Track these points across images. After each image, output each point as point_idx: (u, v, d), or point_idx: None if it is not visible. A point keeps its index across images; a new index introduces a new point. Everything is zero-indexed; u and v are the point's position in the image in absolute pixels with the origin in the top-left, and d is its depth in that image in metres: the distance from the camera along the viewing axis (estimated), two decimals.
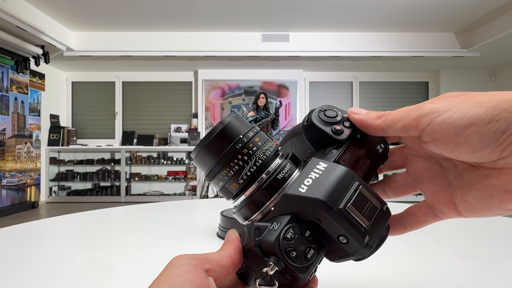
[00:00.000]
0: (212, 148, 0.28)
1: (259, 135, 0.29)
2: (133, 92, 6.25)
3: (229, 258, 0.25)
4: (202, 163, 0.29)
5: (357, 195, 0.24)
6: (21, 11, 3.91)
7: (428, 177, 0.27)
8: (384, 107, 6.26)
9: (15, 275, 0.52)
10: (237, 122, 0.29)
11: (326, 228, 0.24)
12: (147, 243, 0.69)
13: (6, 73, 4.59)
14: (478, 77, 6.15)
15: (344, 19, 4.65)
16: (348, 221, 0.23)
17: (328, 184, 0.24)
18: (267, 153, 0.28)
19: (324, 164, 0.26)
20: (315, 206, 0.23)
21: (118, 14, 4.47)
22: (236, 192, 0.28)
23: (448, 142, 0.22)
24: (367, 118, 0.27)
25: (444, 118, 0.22)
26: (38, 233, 0.80)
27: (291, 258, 0.23)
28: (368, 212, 0.24)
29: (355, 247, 0.23)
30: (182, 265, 0.22)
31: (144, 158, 5.92)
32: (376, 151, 0.29)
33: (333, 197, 0.23)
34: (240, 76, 6.06)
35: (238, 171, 0.27)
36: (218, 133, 0.28)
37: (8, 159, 4.61)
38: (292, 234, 0.23)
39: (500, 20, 4.47)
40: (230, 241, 0.26)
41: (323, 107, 0.30)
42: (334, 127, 0.28)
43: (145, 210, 1.06)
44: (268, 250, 0.23)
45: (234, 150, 0.27)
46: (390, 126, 0.25)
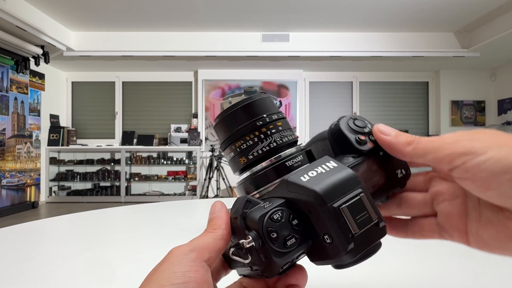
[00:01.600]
0: (234, 118, 0.28)
1: (283, 121, 0.29)
2: (133, 92, 6.25)
3: (223, 241, 0.24)
4: (221, 131, 0.29)
5: (355, 201, 0.23)
6: (21, 11, 3.91)
7: (449, 198, 0.26)
8: (384, 107, 6.26)
9: (15, 275, 0.51)
10: (265, 102, 0.29)
11: (315, 222, 0.23)
12: (147, 243, 0.69)
13: (6, 73, 4.59)
14: (478, 77, 6.15)
15: (344, 19, 4.65)
16: (337, 221, 0.22)
17: (330, 181, 0.24)
18: (284, 139, 0.28)
19: (334, 164, 0.25)
20: (310, 197, 0.23)
21: (118, 14, 4.47)
22: (243, 166, 0.28)
23: (479, 183, 0.22)
24: (396, 142, 0.26)
25: (479, 161, 0.21)
26: (38, 233, 0.80)
27: (270, 238, 0.23)
28: (361, 221, 0.23)
29: (337, 250, 0.23)
30: (183, 261, 0.22)
31: (144, 158, 5.92)
32: (395, 174, 0.28)
33: (330, 194, 0.23)
34: (240, 76, 6.06)
35: (251, 147, 0.28)
36: (244, 106, 0.28)
37: (8, 159, 4.61)
38: (279, 217, 0.23)
39: (500, 20, 4.47)
40: (219, 218, 0.25)
41: (354, 116, 0.30)
42: (358, 136, 0.28)
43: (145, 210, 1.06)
44: (251, 225, 0.23)
45: (254, 125, 0.28)
46: (421, 156, 0.25)
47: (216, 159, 5.49)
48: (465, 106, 6.14)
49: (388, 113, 6.28)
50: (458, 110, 6.14)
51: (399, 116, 6.27)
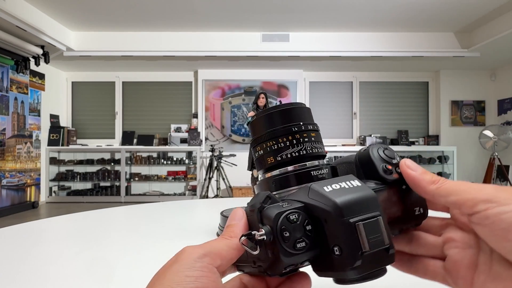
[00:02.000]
0: (272, 118, 0.29)
1: (317, 134, 0.30)
2: (133, 92, 6.25)
3: (237, 251, 0.24)
4: (257, 127, 0.30)
5: (372, 221, 0.23)
6: (21, 11, 3.91)
7: (461, 246, 0.26)
8: (384, 107, 6.26)
9: (15, 275, 0.51)
10: (305, 112, 0.30)
11: (328, 232, 0.24)
12: (147, 243, 0.69)
13: (6, 73, 4.59)
14: (478, 77, 6.15)
15: (344, 19, 4.65)
16: (350, 236, 0.23)
17: (351, 197, 0.24)
18: (314, 150, 0.29)
19: (358, 183, 0.26)
20: (329, 207, 0.23)
21: (118, 14, 4.47)
22: (269, 165, 0.29)
23: (496, 233, 0.22)
24: (421, 179, 0.26)
25: (501, 210, 0.21)
26: (38, 233, 0.80)
27: (282, 236, 0.23)
28: (373, 241, 0.23)
29: (343, 264, 0.23)
30: (196, 265, 0.22)
31: (144, 158, 5.92)
32: (412, 211, 0.28)
33: (350, 209, 0.23)
34: (240, 76, 6.06)
35: (281, 149, 0.28)
36: (284, 110, 0.29)
37: (8, 159, 4.61)
38: (295, 218, 0.24)
39: (500, 20, 4.47)
40: (237, 227, 0.25)
41: (386, 147, 0.30)
42: (386, 165, 0.28)
43: (145, 210, 1.06)
44: (267, 220, 0.24)
45: (289, 130, 0.29)
46: (443, 196, 0.25)
47: (216, 159, 5.49)
48: (465, 106, 6.14)
49: (388, 113, 6.28)
50: (458, 110, 6.14)
51: (399, 116, 6.27)
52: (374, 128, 6.25)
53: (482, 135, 5.53)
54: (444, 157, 5.96)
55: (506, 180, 5.45)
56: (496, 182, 5.65)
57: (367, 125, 6.27)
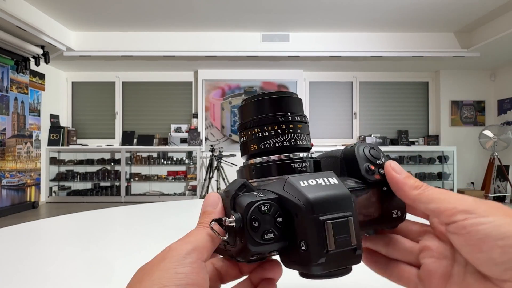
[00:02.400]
0: (260, 105, 0.29)
1: (304, 126, 0.30)
2: (133, 92, 6.25)
3: (219, 239, 0.24)
4: (244, 112, 0.30)
5: (342, 221, 0.23)
6: (21, 11, 3.91)
7: (436, 256, 0.26)
8: (384, 107, 6.26)
9: (15, 275, 0.51)
10: (294, 102, 0.30)
11: (297, 226, 0.24)
12: (147, 243, 0.69)
13: (6, 73, 4.59)
14: (478, 77, 6.15)
15: (344, 19, 4.65)
16: (318, 232, 0.23)
17: (325, 195, 0.24)
18: (298, 142, 0.29)
19: (336, 181, 0.26)
20: (301, 202, 0.23)
21: (118, 14, 4.47)
22: (252, 152, 0.29)
23: (471, 243, 0.22)
24: (404, 183, 0.26)
25: (479, 221, 0.22)
26: (38, 233, 0.80)
27: (252, 226, 0.23)
28: (340, 241, 0.23)
29: (308, 259, 0.23)
30: (186, 261, 0.22)
31: (144, 158, 5.92)
32: (390, 213, 0.28)
33: (321, 207, 0.23)
34: (240, 76, 6.06)
35: (265, 137, 0.28)
36: (273, 98, 0.29)
37: (8, 159, 4.61)
38: (266, 209, 0.24)
39: (500, 20, 4.47)
40: (215, 214, 0.25)
41: (372, 146, 0.30)
42: (369, 165, 0.28)
43: (145, 210, 1.06)
44: (239, 207, 0.24)
45: (275, 119, 0.28)
46: (424, 202, 0.25)
47: (216, 159, 5.49)
48: (465, 106, 6.14)
49: (388, 113, 6.28)
50: (458, 110, 6.14)
51: (399, 116, 6.27)
52: (374, 128, 6.25)
53: (482, 135, 5.53)
54: (444, 157, 5.95)
55: (506, 180, 5.45)
56: (496, 182, 5.65)
57: (367, 125, 6.26)
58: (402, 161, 5.85)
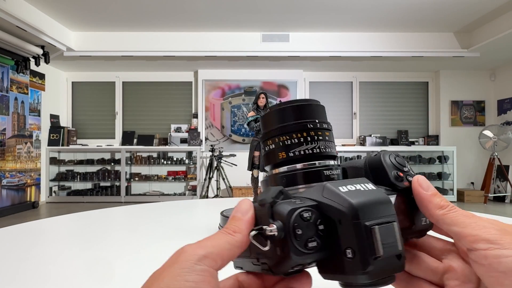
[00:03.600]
0: (288, 113, 0.28)
1: (330, 133, 0.29)
2: (133, 92, 6.25)
3: (240, 249, 0.23)
4: (269, 121, 0.29)
5: (388, 226, 0.23)
6: (21, 11, 3.91)
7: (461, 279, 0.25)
8: (384, 107, 6.26)
9: (15, 275, 0.52)
10: (320, 110, 0.29)
11: (341, 233, 0.23)
12: (147, 243, 0.69)
13: (6, 73, 4.59)
14: (478, 77, 6.15)
15: (344, 19, 4.65)
16: (365, 239, 0.22)
17: (367, 200, 0.23)
18: (327, 149, 0.28)
19: (373, 187, 0.25)
20: (345, 207, 0.23)
21: (118, 14, 4.47)
22: (280, 161, 0.28)
23: (492, 275, 0.21)
24: (429, 201, 0.26)
25: (502, 253, 0.21)
26: (38, 233, 0.80)
27: (295, 234, 0.22)
28: (387, 247, 0.22)
29: (355, 268, 0.22)
30: (197, 268, 0.21)
31: (144, 158, 5.92)
32: (419, 221, 0.28)
33: (366, 211, 0.23)
34: (240, 76, 6.06)
35: (294, 145, 0.28)
36: (300, 105, 0.28)
37: (8, 159, 4.61)
38: (308, 216, 0.23)
39: (500, 20, 4.47)
40: (243, 222, 0.24)
41: (397, 154, 0.30)
42: (397, 172, 0.28)
43: (145, 210, 1.06)
44: (279, 215, 0.22)
45: (304, 126, 0.28)
46: (447, 224, 0.24)
47: (216, 159, 5.49)
48: (465, 106, 6.14)
49: (388, 113, 6.28)
50: (458, 110, 6.14)
51: (399, 116, 6.27)
52: (374, 128, 6.25)
53: (482, 135, 5.54)
54: (444, 157, 5.95)
55: (506, 180, 5.45)
56: (496, 182, 5.65)
57: (367, 125, 6.27)
58: None
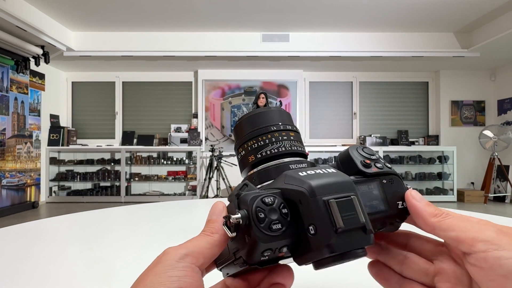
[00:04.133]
0: (252, 121, 0.31)
1: (296, 134, 0.31)
2: (133, 92, 6.25)
3: (219, 247, 0.24)
4: (238, 131, 0.32)
5: (346, 200, 0.23)
6: (21, 11, 3.91)
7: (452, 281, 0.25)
8: (384, 107, 6.26)
9: (15, 275, 0.52)
10: (284, 114, 0.32)
11: (303, 213, 0.24)
12: (147, 243, 0.69)
13: (6, 73, 4.59)
14: (478, 77, 6.15)
15: (344, 19, 4.65)
16: (323, 212, 0.23)
17: (325, 180, 0.24)
18: (293, 148, 0.30)
19: (334, 170, 0.26)
20: (303, 188, 0.24)
21: (118, 14, 4.47)
22: (251, 163, 0.30)
23: (493, 279, 0.21)
24: (423, 210, 0.26)
25: (502, 255, 0.20)
26: (38, 233, 0.80)
27: (258, 217, 0.23)
28: (348, 219, 0.23)
29: (319, 242, 0.23)
30: (179, 265, 0.22)
31: (144, 158, 5.92)
32: (395, 204, 0.28)
33: (322, 189, 0.24)
34: (240, 76, 6.06)
35: (261, 147, 0.30)
36: (262, 112, 0.31)
37: (8, 159, 4.61)
38: (270, 201, 0.24)
39: (500, 20, 4.47)
40: (219, 223, 0.25)
41: (364, 146, 0.31)
42: (364, 160, 0.29)
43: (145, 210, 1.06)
44: (243, 203, 0.24)
45: (268, 129, 0.30)
46: (443, 230, 0.24)
47: (216, 159, 5.49)
48: (465, 106, 6.14)
49: (388, 113, 6.28)
50: (458, 110, 6.14)
51: (399, 116, 6.27)
52: (374, 128, 6.25)
53: (482, 135, 5.54)
54: (444, 157, 5.95)
55: (506, 180, 5.45)
56: (496, 182, 5.65)
57: (367, 125, 6.27)
58: (402, 161, 5.85)
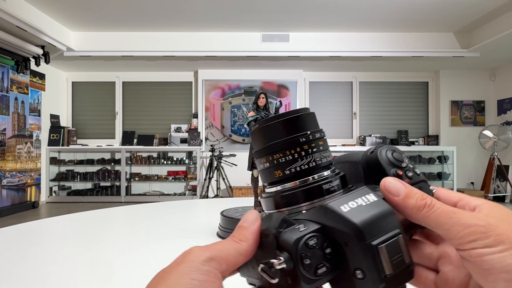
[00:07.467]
0: (277, 128, 0.27)
1: (324, 141, 0.29)
2: (133, 92, 6.25)
3: (245, 257, 0.23)
4: (260, 138, 0.28)
5: (393, 241, 0.23)
6: (21, 11, 3.91)
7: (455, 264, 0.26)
8: (384, 107, 6.26)
9: (16, 275, 0.52)
10: (310, 118, 0.28)
11: (349, 255, 0.23)
12: (147, 243, 0.69)
13: (6, 73, 4.59)
14: (478, 77, 6.15)
15: (344, 19, 4.65)
16: (374, 259, 0.22)
17: (371, 217, 0.23)
18: (323, 160, 0.28)
19: (375, 198, 0.25)
20: (349, 230, 0.22)
21: (118, 14, 4.47)
22: (277, 179, 0.28)
23: (478, 271, 0.22)
24: (404, 207, 0.25)
25: (485, 252, 0.21)
26: (38, 233, 0.80)
27: (303, 264, 0.22)
28: (396, 262, 0.22)
29: (366, 286, 0.22)
30: (202, 268, 0.21)
31: (144, 158, 5.92)
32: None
33: (371, 231, 0.22)
34: (240, 76, 6.06)
35: (289, 162, 0.27)
36: (289, 119, 0.28)
37: (8, 159, 4.61)
38: (314, 243, 0.23)
39: (500, 20, 4.47)
40: (249, 232, 0.24)
41: (393, 148, 0.29)
42: (396, 170, 0.27)
43: (145, 210, 1.06)
44: (285, 246, 0.23)
45: (296, 141, 0.27)
46: (430, 226, 0.24)
47: (216, 159, 5.49)
48: (465, 106, 6.14)
49: (388, 113, 6.28)
50: (458, 110, 6.14)
51: (399, 116, 6.27)
52: (374, 128, 6.25)
53: (482, 135, 5.53)
54: (444, 157, 5.95)
55: (506, 180, 5.45)
56: (496, 182, 5.65)
57: (367, 125, 6.27)
58: None
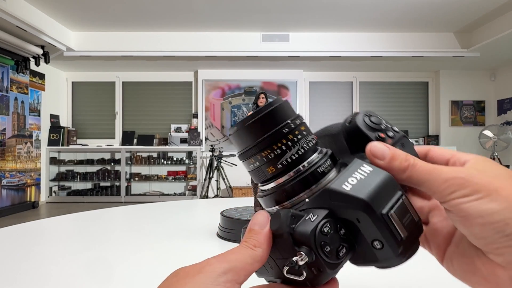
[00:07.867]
0: (258, 126, 0.27)
1: (305, 125, 0.28)
2: (133, 92, 6.25)
3: (261, 263, 0.23)
4: (242, 140, 0.28)
5: (400, 204, 0.23)
6: (21, 11, 3.91)
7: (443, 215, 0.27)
8: (384, 107, 6.26)
9: (16, 275, 0.52)
10: (286, 107, 0.28)
11: (363, 230, 0.23)
12: (147, 243, 0.69)
13: (6, 73, 4.59)
14: (478, 77, 6.15)
15: (344, 19, 4.65)
16: (388, 227, 0.22)
17: (374, 187, 0.23)
18: (310, 144, 0.27)
19: (369, 168, 0.25)
20: (358, 206, 0.23)
21: (118, 14, 4.47)
22: (271, 175, 0.27)
23: (456, 219, 0.23)
24: (391, 169, 0.25)
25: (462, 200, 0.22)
26: (38, 233, 0.80)
27: (324, 252, 0.22)
28: (407, 224, 0.23)
29: (388, 254, 0.23)
30: (220, 279, 0.21)
31: (144, 158, 5.92)
32: None
33: (378, 201, 0.23)
34: (240, 76, 6.06)
35: (279, 155, 0.26)
36: (267, 113, 0.27)
37: (8, 159, 4.61)
38: (328, 229, 0.23)
39: (500, 20, 4.47)
40: (262, 236, 0.24)
41: (368, 112, 0.29)
42: (378, 134, 0.28)
43: (145, 210, 1.06)
44: (302, 240, 0.23)
45: (281, 133, 0.26)
46: (416, 184, 0.25)
47: (216, 159, 5.49)
48: (465, 106, 6.14)
49: (388, 113, 6.28)
50: (458, 110, 6.14)
51: (399, 116, 6.27)
52: None
53: (482, 135, 5.54)
54: None
55: None
56: None
57: None
58: None
